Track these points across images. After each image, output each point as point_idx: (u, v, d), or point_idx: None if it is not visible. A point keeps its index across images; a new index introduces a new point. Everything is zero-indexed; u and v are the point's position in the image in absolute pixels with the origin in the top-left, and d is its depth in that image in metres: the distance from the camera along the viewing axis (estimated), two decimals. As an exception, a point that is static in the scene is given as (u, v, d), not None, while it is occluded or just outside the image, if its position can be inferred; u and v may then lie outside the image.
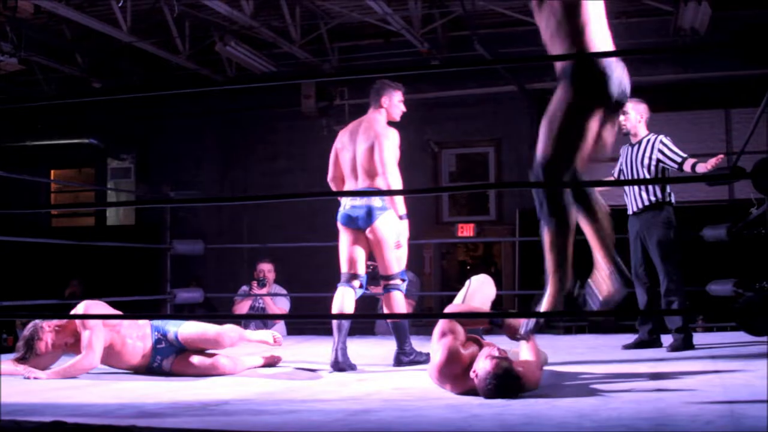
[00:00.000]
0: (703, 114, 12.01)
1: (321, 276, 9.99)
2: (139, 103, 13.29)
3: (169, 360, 5.45)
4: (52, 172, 14.56)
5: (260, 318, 8.44)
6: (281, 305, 8.85)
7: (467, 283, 5.08)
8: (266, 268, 8.83)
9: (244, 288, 8.95)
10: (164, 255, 8.73)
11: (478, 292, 4.97)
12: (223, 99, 12.95)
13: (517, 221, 12.19)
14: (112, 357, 5.35)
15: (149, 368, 5.47)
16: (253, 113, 13.13)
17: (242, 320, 8.61)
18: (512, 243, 12.16)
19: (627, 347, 6.56)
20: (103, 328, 5.26)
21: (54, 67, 12.62)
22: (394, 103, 6.10)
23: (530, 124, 12.41)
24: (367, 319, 10.24)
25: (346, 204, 6.00)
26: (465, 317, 4.58)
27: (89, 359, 5.20)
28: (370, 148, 5.90)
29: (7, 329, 12.31)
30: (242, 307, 8.88)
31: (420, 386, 4.63)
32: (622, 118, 6.64)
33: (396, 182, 5.83)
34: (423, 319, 10.01)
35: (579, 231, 4.37)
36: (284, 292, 9.02)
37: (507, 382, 3.98)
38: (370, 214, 5.89)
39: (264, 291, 8.75)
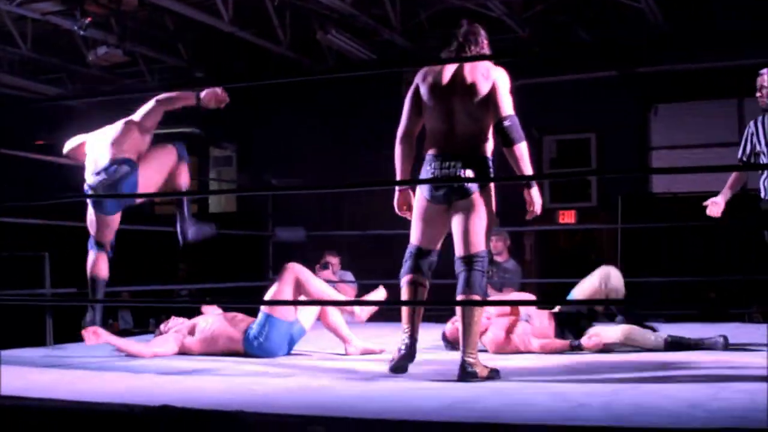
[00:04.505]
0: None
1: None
2: (241, 92, 13.39)
3: None
4: (156, 161, 14.78)
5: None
6: (349, 292, 8.88)
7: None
8: (333, 261, 9.16)
9: None
10: (266, 242, 8.82)
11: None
12: (323, 87, 13.00)
13: (620, 208, 12.01)
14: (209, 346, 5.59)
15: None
16: (354, 102, 13.15)
17: None
18: (614, 230, 11.98)
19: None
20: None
21: (157, 58, 12.84)
22: None
23: (632, 111, 12.22)
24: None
25: None
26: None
27: (147, 351, 5.49)
28: None
29: (113, 315, 12.60)
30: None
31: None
32: (759, 94, 6.00)
33: None
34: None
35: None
36: (352, 278, 9.12)
37: None
38: None
39: (329, 274, 8.82)
